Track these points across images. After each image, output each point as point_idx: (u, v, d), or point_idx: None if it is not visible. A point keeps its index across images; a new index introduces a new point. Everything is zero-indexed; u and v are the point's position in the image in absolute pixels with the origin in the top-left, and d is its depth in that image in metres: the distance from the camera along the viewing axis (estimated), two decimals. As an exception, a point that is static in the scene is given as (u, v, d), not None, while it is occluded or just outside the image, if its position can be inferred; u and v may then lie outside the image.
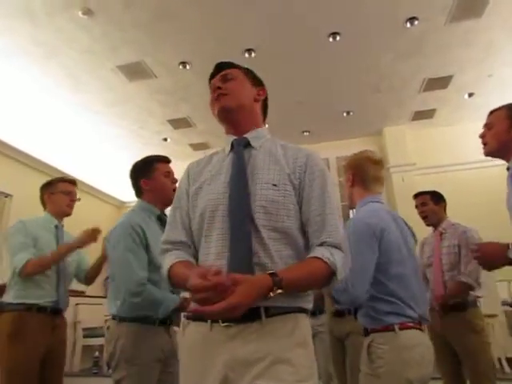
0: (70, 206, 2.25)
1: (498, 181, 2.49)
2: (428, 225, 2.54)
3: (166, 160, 1.80)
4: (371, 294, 1.39)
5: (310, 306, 0.98)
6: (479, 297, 2.34)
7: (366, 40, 4.15)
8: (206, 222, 0.98)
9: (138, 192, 1.75)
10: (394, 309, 1.37)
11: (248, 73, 1.18)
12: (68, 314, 4.43)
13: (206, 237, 0.98)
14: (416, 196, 2.61)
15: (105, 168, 6.97)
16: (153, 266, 1.55)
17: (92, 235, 2.12)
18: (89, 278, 2.33)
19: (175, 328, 1.64)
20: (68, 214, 2.26)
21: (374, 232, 1.41)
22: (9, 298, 1.95)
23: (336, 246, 0.93)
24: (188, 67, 4.40)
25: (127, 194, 7.30)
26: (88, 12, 3.57)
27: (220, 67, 1.18)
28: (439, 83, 5.01)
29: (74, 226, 2.35)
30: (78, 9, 3.53)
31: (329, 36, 4.05)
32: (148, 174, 1.71)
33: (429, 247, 2.50)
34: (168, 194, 1.63)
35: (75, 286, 4.42)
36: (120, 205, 7.47)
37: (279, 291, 0.83)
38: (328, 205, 0.98)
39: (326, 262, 0.89)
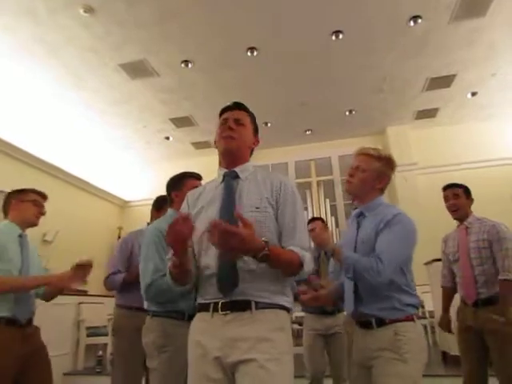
0: (38, 218, 2.14)
1: (502, 181, 2.50)
2: (456, 218, 2.44)
3: (195, 176, 1.97)
4: (397, 285, 1.51)
5: (289, 305, 1.24)
6: None
7: (369, 38, 4.14)
8: (205, 241, 1.21)
9: (171, 202, 1.97)
10: (413, 301, 1.52)
11: (253, 121, 1.42)
12: (71, 313, 4.46)
13: (205, 250, 1.24)
14: (449, 186, 2.48)
15: (107, 167, 6.98)
16: None
17: (81, 273, 1.97)
18: (47, 295, 2.21)
19: None
20: (34, 225, 2.14)
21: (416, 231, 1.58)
22: None
23: (304, 249, 1.22)
24: (190, 66, 4.40)
25: (130, 193, 7.32)
26: (89, 10, 3.56)
27: (236, 105, 1.40)
28: (442, 82, 5.00)
29: (76, 225, 2.32)
30: (80, 6, 3.53)
31: (331, 34, 4.05)
32: (178, 186, 1.94)
33: (453, 242, 2.44)
34: None
35: (78, 285, 4.44)
36: (123, 204, 7.47)
37: (266, 252, 1.08)
38: (298, 219, 1.27)
39: (298, 255, 1.18)
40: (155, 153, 6.74)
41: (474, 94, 5.28)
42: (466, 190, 2.47)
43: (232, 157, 1.35)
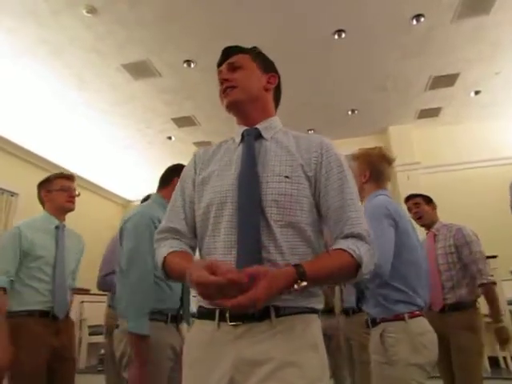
0: (71, 202, 2.10)
1: (505, 180, 2.48)
2: (423, 225, 2.55)
3: None
4: (384, 279, 1.43)
5: (321, 306, 0.96)
6: (479, 296, 2.31)
7: (371, 37, 4.12)
8: (213, 216, 0.94)
9: (163, 185, 1.76)
10: (403, 298, 1.43)
11: (257, 57, 1.11)
12: (73, 312, 4.48)
13: (212, 230, 0.94)
14: (408, 199, 2.63)
15: (110, 166, 7.00)
16: None
17: None
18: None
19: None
20: (70, 210, 2.11)
21: (394, 217, 1.48)
22: (11, 305, 1.84)
23: (361, 238, 0.88)
24: (193, 66, 4.40)
25: (133, 192, 7.34)
26: (92, 10, 3.57)
27: (227, 53, 1.11)
28: (445, 81, 4.97)
29: (79, 224, 2.32)
30: (83, 7, 3.54)
31: (334, 33, 4.03)
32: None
33: (424, 250, 2.48)
34: None
35: (80, 284, 4.47)
36: (125, 203, 7.50)
37: (304, 284, 0.78)
38: (349, 195, 0.92)
39: (351, 255, 0.85)
40: (157, 153, 6.75)
41: (477, 92, 5.24)
42: (426, 198, 2.57)
43: (241, 108, 1.05)
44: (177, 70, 4.52)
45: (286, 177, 0.92)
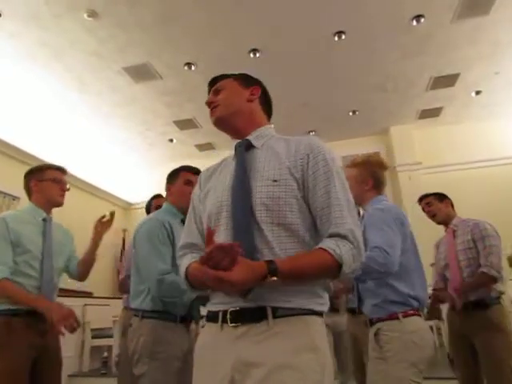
0: (62, 195, 2.00)
1: (507, 180, 2.48)
2: (439, 223, 2.50)
3: (190, 169, 1.89)
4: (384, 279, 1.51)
5: (323, 308, 0.94)
6: (503, 293, 2.23)
7: (371, 38, 4.13)
8: (213, 225, 0.99)
9: (171, 180, 1.92)
10: (398, 298, 1.51)
11: (238, 77, 1.18)
12: (76, 315, 4.48)
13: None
14: (420, 200, 2.61)
15: (112, 169, 7.01)
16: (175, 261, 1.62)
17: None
18: (81, 272, 2.11)
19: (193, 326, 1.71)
20: (60, 204, 2.01)
21: (401, 221, 1.59)
22: None
23: (343, 237, 0.90)
24: (193, 68, 4.41)
25: (134, 195, 7.34)
26: (93, 14, 3.59)
27: (213, 82, 1.19)
28: (446, 81, 4.97)
29: (80, 226, 2.32)
30: (84, 11, 3.55)
31: (334, 35, 4.04)
32: (173, 180, 1.89)
33: (444, 247, 2.43)
34: (184, 200, 1.68)
35: (83, 287, 4.47)
36: (127, 206, 7.49)
37: (273, 278, 0.82)
38: (334, 195, 0.94)
39: (331, 254, 0.86)
40: (159, 155, 6.76)
41: (478, 92, 5.24)
42: (438, 196, 2.53)
43: (227, 123, 1.11)
44: (177, 73, 4.53)
45: (274, 180, 0.95)
